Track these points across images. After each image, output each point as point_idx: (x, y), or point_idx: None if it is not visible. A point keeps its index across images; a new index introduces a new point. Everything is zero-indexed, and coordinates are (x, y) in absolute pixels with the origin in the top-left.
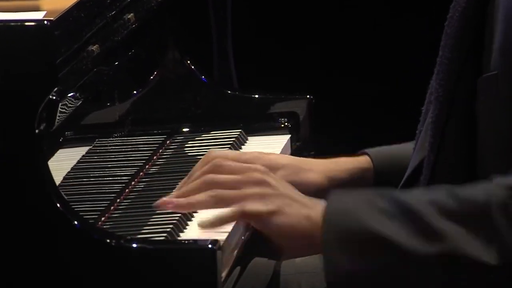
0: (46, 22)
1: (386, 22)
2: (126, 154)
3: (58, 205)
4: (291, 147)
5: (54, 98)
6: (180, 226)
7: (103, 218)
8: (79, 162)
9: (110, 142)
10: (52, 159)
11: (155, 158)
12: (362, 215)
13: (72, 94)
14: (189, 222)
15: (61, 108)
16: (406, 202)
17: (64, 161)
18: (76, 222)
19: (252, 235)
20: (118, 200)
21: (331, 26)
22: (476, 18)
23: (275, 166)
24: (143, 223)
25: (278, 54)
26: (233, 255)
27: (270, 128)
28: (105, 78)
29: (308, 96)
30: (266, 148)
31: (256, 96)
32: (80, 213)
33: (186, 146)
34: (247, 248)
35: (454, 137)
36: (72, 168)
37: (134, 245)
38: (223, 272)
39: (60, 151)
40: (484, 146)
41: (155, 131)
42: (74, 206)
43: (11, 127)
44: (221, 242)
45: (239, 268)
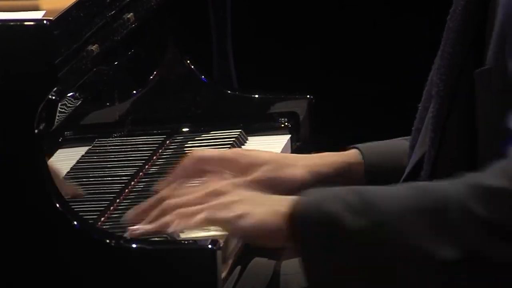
0: (45, 21)
1: (386, 22)
2: (125, 154)
3: (58, 205)
4: (291, 147)
5: (54, 98)
6: None
7: (103, 218)
8: (78, 162)
9: (109, 142)
10: (51, 159)
11: (154, 158)
12: (329, 208)
13: (71, 94)
14: None
15: (60, 108)
16: (370, 196)
17: (63, 161)
18: (75, 222)
19: None
20: (118, 200)
21: (331, 26)
22: (478, 13)
23: (258, 162)
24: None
25: (278, 54)
26: (233, 255)
27: (270, 128)
28: (104, 78)
29: (308, 96)
30: (266, 148)
31: (256, 96)
32: (80, 213)
33: (186, 146)
34: (247, 248)
35: (456, 131)
36: (72, 168)
37: (134, 245)
38: (223, 272)
39: (60, 151)
40: (481, 140)
41: (154, 131)
42: (73, 206)
43: (11, 127)
44: (221, 242)
45: (239, 268)
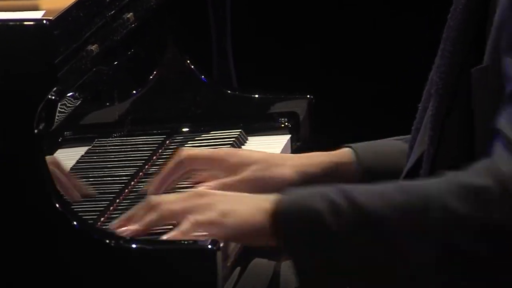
0: (45, 21)
1: (386, 21)
2: (125, 154)
3: (58, 205)
4: (291, 147)
5: (53, 98)
6: None
7: (103, 218)
8: (78, 162)
9: (109, 142)
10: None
11: (154, 158)
12: (313, 204)
13: (71, 93)
14: None
15: (60, 108)
16: (355, 195)
17: (63, 161)
18: (75, 223)
19: None
20: (118, 200)
21: (330, 26)
22: (479, 11)
23: (246, 162)
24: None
25: (277, 53)
26: (233, 255)
27: (270, 128)
28: (104, 77)
29: (308, 96)
30: (266, 148)
31: (256, 96)
32: (80, 213)
33: (186, 146)
34: (247, 248)
35: (455, 129)
36: (71, 168)
37: (134, 245)
38: (223, 273)
39: (59, 151)
40: (478, 138)
41: (154, 131)
42: (73, 206)
43: (10, 127)
44: (221, 242)
45: (239, 268)
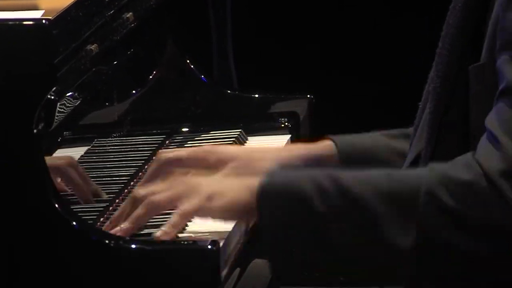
0: (44, 21)
1: (386, 22)
2: (125, 154)
3: (57, 205)
4: None
5: (53, 97)
6: None
7: (102, 219)
8: (77, 162)
9: (109, 142)
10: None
11: (154, 158)
12: (300, 185)
13: (70, 93)
14: (188, 223)
15: (59, 107)
16: (342, 180)
17: None
18: (75, 223)
19: (251, 236)
20: (117, 200)
21: (331, 26)
22: (478, 9)
23: (226, 158)
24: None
25: (278, 53)
26: (233, 256)
27: (270, 128)
28: (103, 77)
29: (308, 96)
30: None
31: (256, 96)
32: (79, 213)
33: (186, 146)
34: (247, 249)
35: (454, 127)
36: None
37: (133, 245)
38: (223, 273)
39: (59, 151)
40: (476, 136)
41: (154, 131)
42: (73, 207)
43: (10, 126)
44: (220, 242)
45: (239, 269)
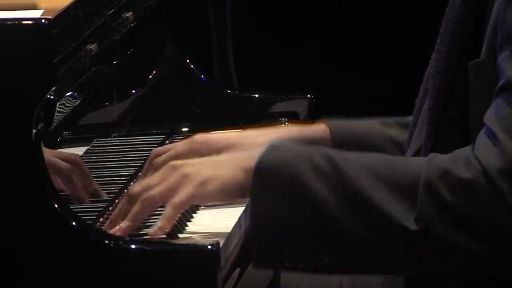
0: (43, 20)
1: (386, 21)
2: (124, 154)
3: (56, 205)
4: None
5: (52, 97)
6: (179, 227)
7: (102, 219)
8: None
9: (108, 142)
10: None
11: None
12: (294, 165)
13: (70, 93)
14: (188, 223)
15: (59, 107)
16: (339, 160)
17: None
18: (74, 223)
19: None
20: (117, 200)
21: (331, 25)
22: (478, 4)
23: (217, 148)
24: (142, 224)
25: (278, 53)
26: (233, 256)
27: None
28: (103, 77)
29: (308, 96)
30: None
31: (256, 96)
32: (78, 213)
33: None
34: (247, 249)
35: (453, 124)
36: None
37: (133, 246)
38: (223, 273)
39: (58, 151)
40: (476, 132)
41: (154, 131)
42: (72, 207)
43: (9, 126)
44: (220, 242)
45: (238, 269)
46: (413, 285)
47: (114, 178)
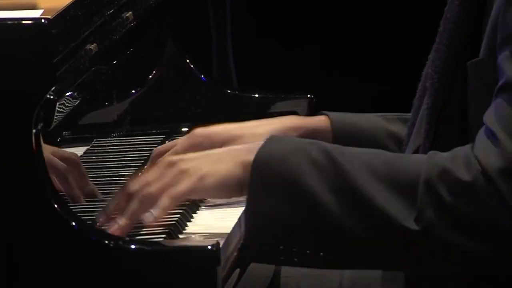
0: (43, 20)
1: (386, 21)
2: (124, 154)
3: (56, 205)
4: None
5: (52, 97)
6: (179, 227)
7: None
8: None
9: (108, 142)
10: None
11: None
12: (293, 161)
13: (70, 93)
14: (188, 223)
15: (58, 107)
16: (337, 157)
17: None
18: (74, 223)
19: None
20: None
21: (331, 25)
22: (477, 3)
23: (218, 141)
24: (141, 224)
25: (278, 53)
26: (232, 256)
27: None
28: (103, 77)
29: (308, 96)
30: None
31: (256, 96)
32: (78, 213)
33: None
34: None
35: (452, 123)
36: None
37: (133, 246)
38: (223, 273)
39: None
40: (475, 132)
41: (153, 131)
42: (72, 207)
43: (8, 126)
44: (220, 242)
45: (238, 270)
46: (413, 285)
47: (114, 178)
